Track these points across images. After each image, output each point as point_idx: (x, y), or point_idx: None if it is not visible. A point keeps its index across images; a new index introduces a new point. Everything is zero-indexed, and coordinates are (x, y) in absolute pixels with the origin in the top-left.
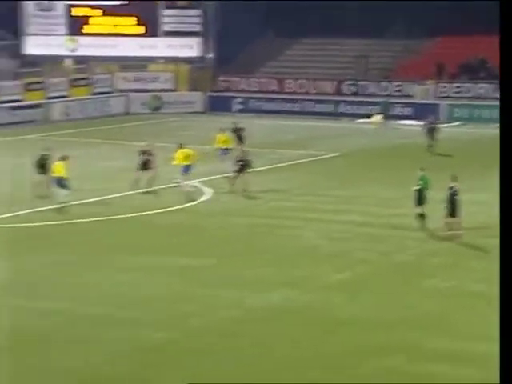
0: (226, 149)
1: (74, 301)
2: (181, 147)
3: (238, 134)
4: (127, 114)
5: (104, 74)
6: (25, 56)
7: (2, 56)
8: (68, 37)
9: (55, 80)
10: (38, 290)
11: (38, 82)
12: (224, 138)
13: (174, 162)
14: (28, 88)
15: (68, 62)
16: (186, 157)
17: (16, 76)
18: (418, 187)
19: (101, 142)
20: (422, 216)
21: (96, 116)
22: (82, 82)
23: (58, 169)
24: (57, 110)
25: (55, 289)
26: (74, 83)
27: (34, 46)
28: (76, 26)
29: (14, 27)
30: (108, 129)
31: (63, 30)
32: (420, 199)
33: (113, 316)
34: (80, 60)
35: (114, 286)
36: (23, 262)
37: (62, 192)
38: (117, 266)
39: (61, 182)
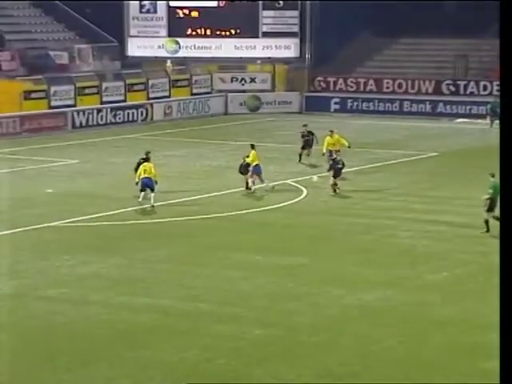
0: (336, 151)
1: (176, 297)
2: (253, 148)
3: (307, 138)
4: (226, 114)
5: (203, 74)
6: (127, 57)
7: (106, 58)
8: (169, 38)
9: (156, 81)
10: (141, 287)
11: (140, 83)
12: (333, 141)
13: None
14: (130, 89)
15: (168, 63)
16: (255, 157)
17: (119, 77)
18: (487, 196)
19: (200, 142)
20: (495, 219)
21: (195, 116)
22: (183, 83)
23: (147, 169)
24: (158, 111)
25: (158, 285)
26: (174, 84)
27: (136, 48)
28: (177, 28)
29: (118, 30)
30: (207, 128)
31: (165, 31)
32: (491, 206)
33: (214, 312)
34: (181, 61)
35: (215, 282)
36: (126, 259)
37: (150, 193)
38: (218, 264)
39: (148, 183)
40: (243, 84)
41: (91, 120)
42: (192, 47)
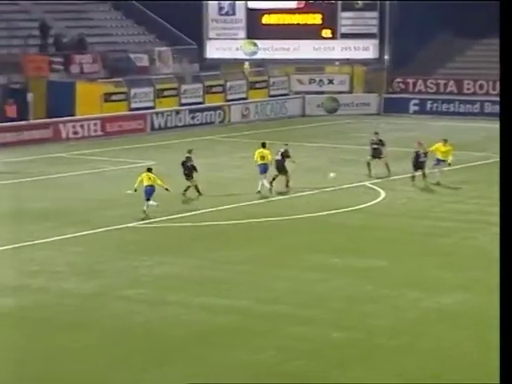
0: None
1: (254, 299)
2: (264, 146)
3: (376, 147)
4: (303, 115)
5: (281, 76)
6: (206, 60)
7: (184, 60)
8: (247, 40)
9: (234, 83)
10: (219, 288)
11: (218, 85)
12: (444, 149)
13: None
14: (208, 91)
15: (246, 65)
16: (262, 157)
17: (197, 79)
18: None
19: (277, 144)
20: None
21: (272, 118)
22: (260, 85)
23: (151, 178)
24: (235, 112)
25: (236, 287)
26: (252, 86)
27: (214, 50)
28: (256, 30)
29: (197, 32)
30: (284, 130)
31: (243, 33)
32: None
33: (292, 314)
34: (258, 63)
35: (293, 284)
36: (203, 260)
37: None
38: (296, 266)
39: (151, 192)
40: (321, 86)
41: (170, 122)
42: (270, 49)
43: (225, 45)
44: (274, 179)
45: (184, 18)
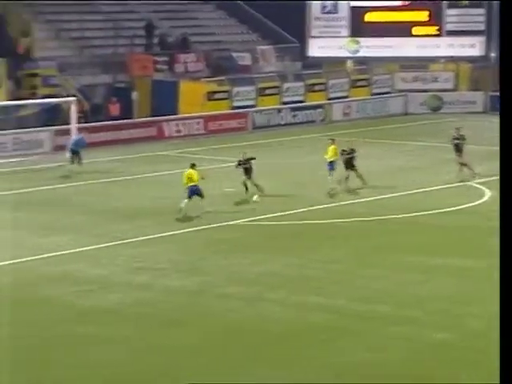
0: None
1: (350, 298)
2: (333, 143)
3: (457, 142)
4: (406, 114)
5: (384, 74)
6: (307, 58)
7: (287, 59)
8: (350, 38)
9: (336, 81)
10: (314, 286)
11: (320, 84)
12: None
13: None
14: (310, 89)
15: (349, 63)
16: (333, 153)
17: (299, 78)
18: None
19: (378, 142)
20: None
21: (374, 116)
22: (362, 83)
23: (192, 177)
24: (337, 111)
25: (331, 286)
26: (354, 84)
27: (316, 48)
28: (358, 28)
29: (299, 30)
30: (386, 129)
31: (346, 31)
32: None
33: (389, 314)
34: (361, 61)
35: (389, 284)
36: (300, 258)
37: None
38: (391, 266)
39: (196, 191)
40: (425, 83)
41: (271, 120)
42: (373, 47)
43: (327, 43)
44: (346, 178)
45: (287, 17)
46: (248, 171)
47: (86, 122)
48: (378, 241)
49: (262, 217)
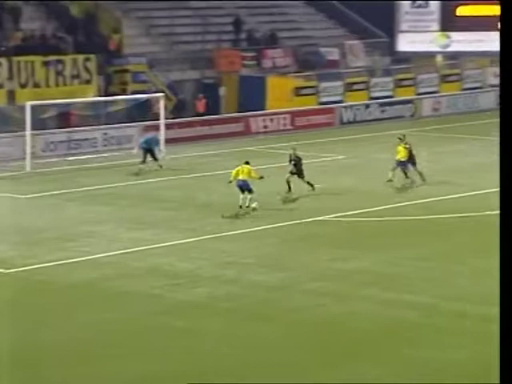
0: None
1: (440, 296)
2: (404, 142)
3: None
4: (497, 109)
5: (475, 69)
6: (396, 53)
7: (376, 53)
8: (440, 33)
9: (426, 76)
10: (404, 283)
11: (409, 79)
12: None
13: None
14: (399, 84)
15: (439, 58)
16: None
17: (387, 73)
18: None
19: (468, 138)
20: None
21: (464, 111)
22: (453, 78)
23: (244, 171)
24: (426, 106)
25: (421, 283)
26: (444, 79)
27: (406, 43)
28: (449, 22)
29: (388, 25)
30: (476, 124)
31: (436, 26)
32: None
33: (482, 313)
34: (451, 55)
35: (480, 282)
36: (387, 255)
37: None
38: (481, 264)
39: (243, 185)
40: None
41: (359, 116)
42: (463, 41)
43: (417, 37)
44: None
45: (376, 11)
46: (296, 168)
47: (173, 118)
48: (467, 238)
49: (348, 213)
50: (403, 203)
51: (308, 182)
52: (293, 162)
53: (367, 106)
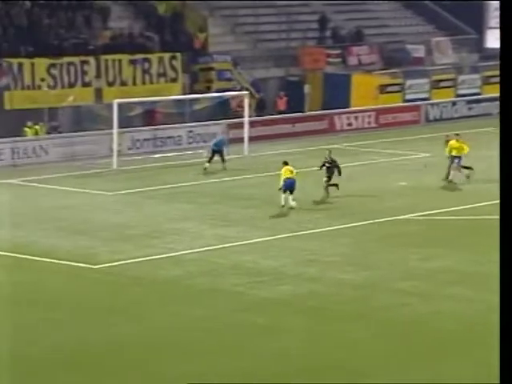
0: None
1: None
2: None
3: None
4: None
5: None
6: (485, 49)
7: (463, 50)
8: None
9: None
10: (489, 283)
11: (497, 76)
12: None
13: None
14: (486, 81)
15: None
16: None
17: (475, 70)
18: None
19: None
20: None
21: None
22: None
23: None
24: None
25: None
26: None
27: (495, 40)
28: None
29: (477, 21)
30: None
31: None
32: None
33: None
34: None
35: None
36: (473, 254)
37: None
38: None
39: (290, 185)
40: None
41: (445, 113)
42: None
43: None
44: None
45: (464, 8)
46: (330, 172)
47: (256, 116)
48: None
49: (434, 211)
50: (483, 203)
51: (330, 185)
52: (327, 165)
53: (454, 103)
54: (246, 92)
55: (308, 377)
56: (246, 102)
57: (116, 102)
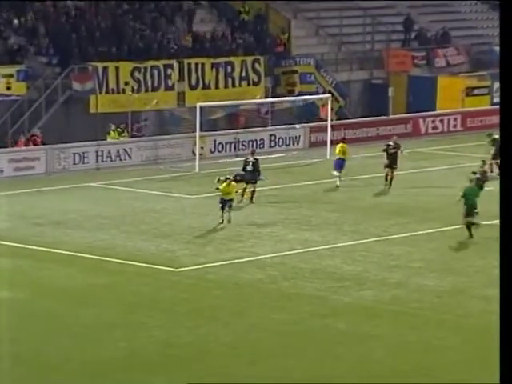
0: None
1: None
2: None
3: None
4: None
5: None
6: None
7: None
8: None
9: None
10: None
11: None
12: None
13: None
14: None
15: None
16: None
17: None
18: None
19: None
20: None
21: None
22: None
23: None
24: None
25: None
26: None
27: None
28: None
29: None
30: None
31: None
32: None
33: None
34: None
35: None
36: None
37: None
38: None
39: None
40: None
41: None
42: None
43: None
44: None
45: None
46: (392, 158)
47: (339, 119)
48: None
49: None
50: None
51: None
52: (391, 150)
53: None
54: (329, 95)
55: (395, 382)
56: (329, 105)
57: (198, 105)
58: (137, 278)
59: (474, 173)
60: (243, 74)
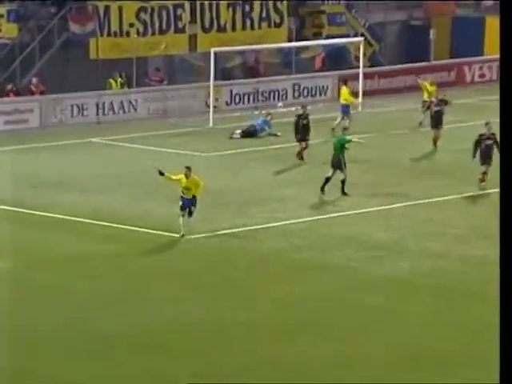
0: None
1: None
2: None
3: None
4: None
5: None
6: None
7: None
8: None
9: None
10: None
11: None
12: None
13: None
14: None
15: None
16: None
17: None
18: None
19: None
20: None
21: None
22: None
23: None
24: None
25: None
26: None
27: None
28: None
29: None
30: None
31: None
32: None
33: None
34: None
35: None
36: None
37: None
38: None
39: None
40: None
41: None
42: None
43: None
44: None
45: None
46: (437, 116)
47: (372, 66)
48: None
49: None
50: None
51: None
52: (435, 109)
53: None
54: (362, 38)
55: (433, 365)
56: (362, 50)
57: (213, 50)
58: (144, 246)
59: None
60: (263, 14)
